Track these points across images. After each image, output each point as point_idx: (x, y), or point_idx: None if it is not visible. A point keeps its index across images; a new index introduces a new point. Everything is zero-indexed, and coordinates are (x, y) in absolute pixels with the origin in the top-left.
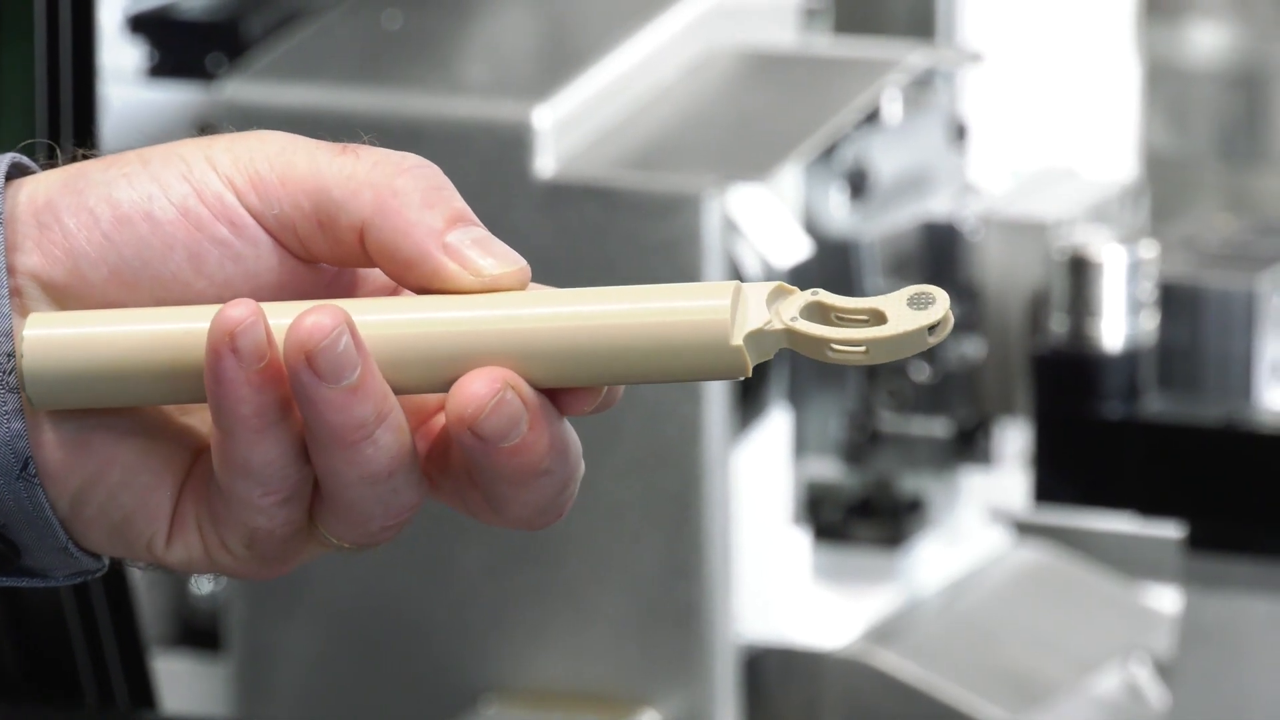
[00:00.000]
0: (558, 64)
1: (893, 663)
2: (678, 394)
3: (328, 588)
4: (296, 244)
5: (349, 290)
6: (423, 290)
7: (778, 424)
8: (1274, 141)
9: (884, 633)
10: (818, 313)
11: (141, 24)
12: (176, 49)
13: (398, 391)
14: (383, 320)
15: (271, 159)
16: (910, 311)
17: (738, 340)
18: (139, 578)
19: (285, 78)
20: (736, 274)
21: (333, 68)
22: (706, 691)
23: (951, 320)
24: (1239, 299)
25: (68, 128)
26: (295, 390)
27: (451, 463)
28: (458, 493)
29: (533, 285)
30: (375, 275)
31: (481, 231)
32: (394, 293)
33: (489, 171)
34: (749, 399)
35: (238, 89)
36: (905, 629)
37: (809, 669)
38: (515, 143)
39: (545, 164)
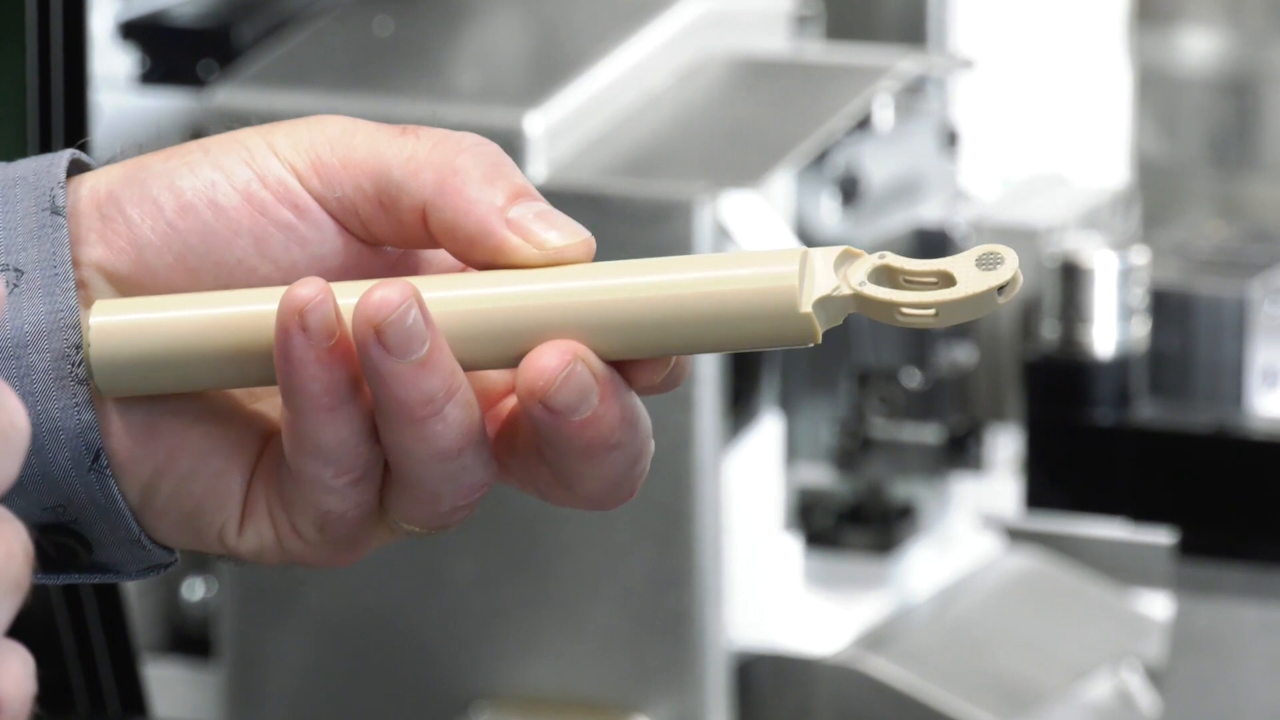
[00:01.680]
0: (549, 70)
1: (884, 669)
2: (668, 402)
3: (319, 595)
4: (360, 226)
5: (413, 272)
6: (488, 267)
7: (769, 430)
8: (1265, 148)
9: (875, 639)
10: (885, 276)
11: (133, 31)
12: (168, 56)
13: (467, 368)
14: (450, 296)
15: (333, 142)
16: (979, 272)
17: (806, 307)
18: (130, 584)
19: (277, 84)
20: None
21: (324, 74)
22: (698, 698)
23: (1020, 279)
24: (1230, 306)
25: (59, 134)
26: (364, 365)
27: (520, 444)
28: (527, 473)
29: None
30: (439, 256)
31: (544, 205)
32: (459, 272)
33: None
34: (740, 406)
35: (229, 95)
36: (897, 635)
37: (800, 676)
38: (506, 149)
39: (537, 171)
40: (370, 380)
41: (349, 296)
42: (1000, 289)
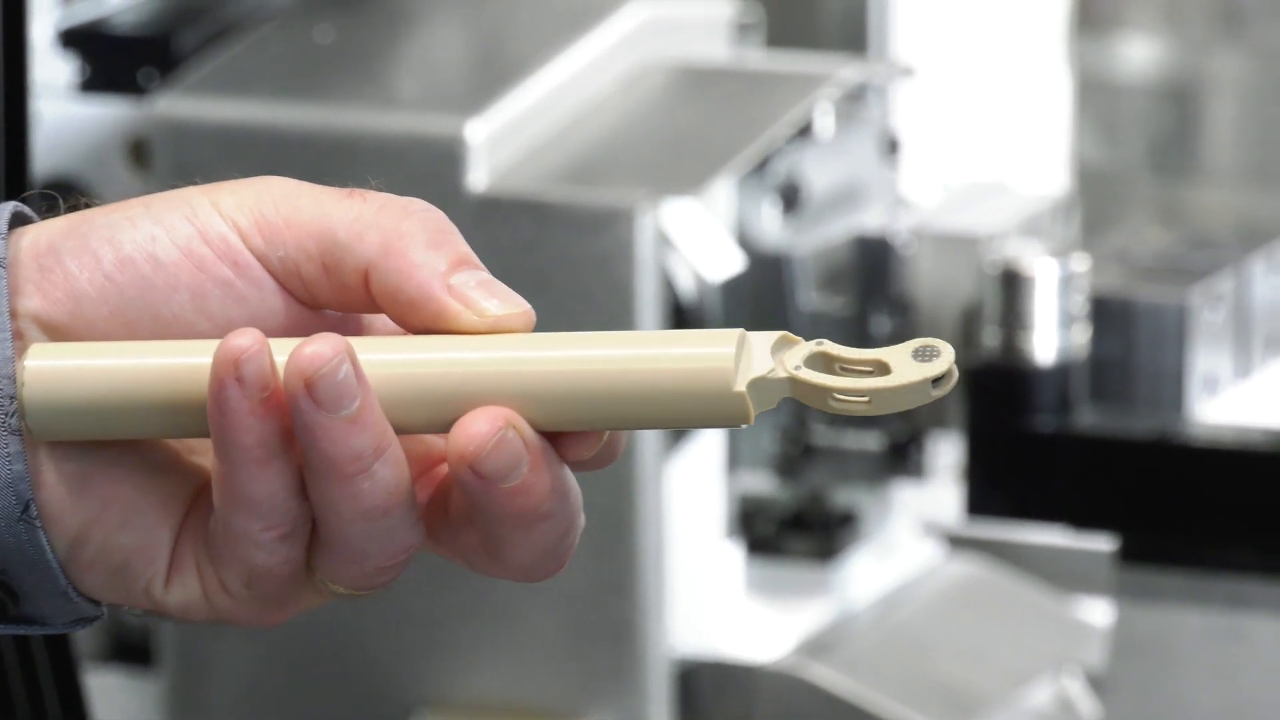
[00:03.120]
0: (490, 78)
1: (825, 676)
2: None
3: None
4: (301, 288)
5: (353, 334)
6: (427, 333)
7: (710, 438)
8: (1205, 155)
9: (817, 646)
10: (821, 362)
11: (73, 38)
12: (108, 64)
13: (399, 430)
14: (385, 359)
15: (278, 202)
16: (914, 363)
17: (741, 387)
18: None
19: (217, 92)
20: (670, 288)
21: (265, 82)
22: (640, 705)
23: (956, 374)
24: (1171, 312)
25: None
26: (294, 419)
27: (452, 510)
28: (457, 541)
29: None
30: (379, 321)
31: (485, 275)
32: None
33: (421, 186)
34: None
35: (170, 104)
36: (838, 642)
37: (742, 682)
38: (448, 157)
39: (478, 178)
40: (299, 435)
41: (285, 352)
42: (935, 381)
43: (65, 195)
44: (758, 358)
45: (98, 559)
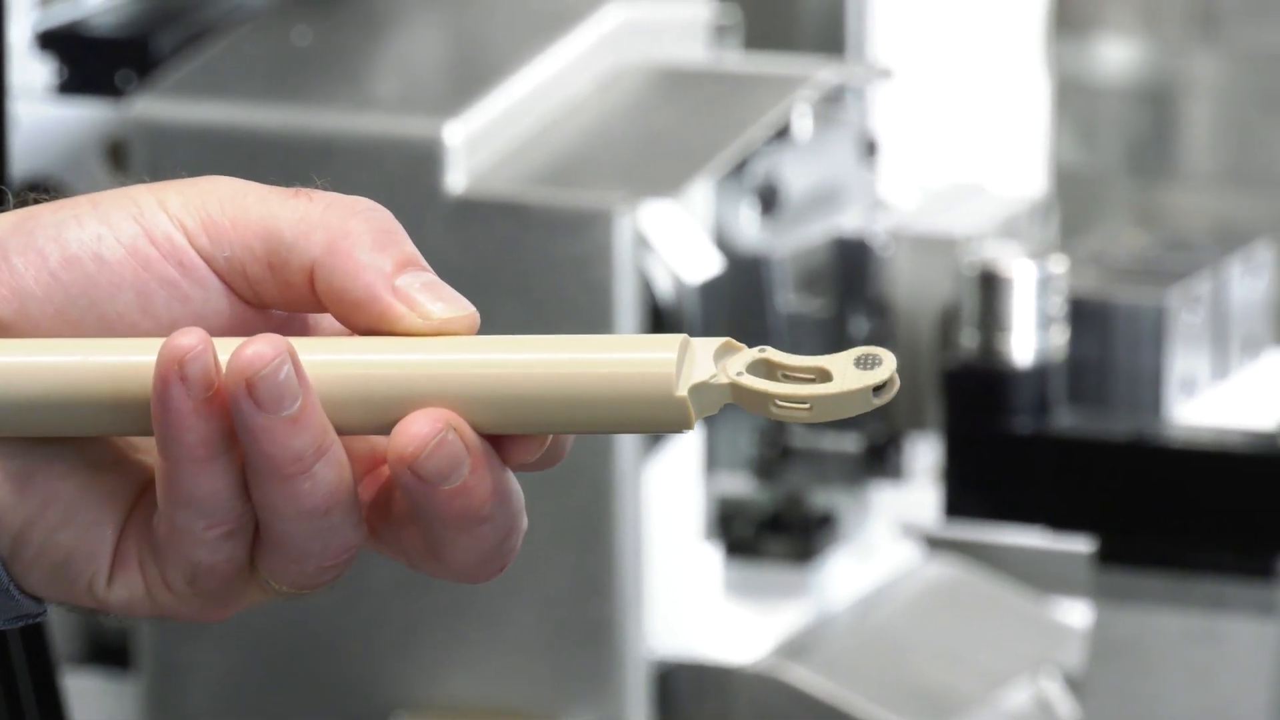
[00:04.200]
0: (468, 80)
1: (804, 678)
2: None
3: None
4: (246, 287)
5: (299, 335)
6: (371, 333)
7: (688, 439)
8: (1182, 156)
9: (795, 648)
10: (763, 369)
11: (50, 40)
12: (86, 66)
13: (340, 431)
14: (328, 359)
15: (224, 202)
16: (856, 371)
17: (682, 391)
18: None
19: (195, 94)
20: (648, 290)
21: (242, 84)
22: (618, 707)
23: (898, 383)
24: (1148, 314)
25: None
26: (235, 419)
27: (394, 511)
28: (399, 541)
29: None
30: (325, 321)
31: (431, 276)
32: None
33: (399, 188)
34: None
35: (147, 106)
36: (816, 644)
37: (720, 684)
38: (425, 159)
39: (456, 180)
40: (240, 434)
41: (227, 352)
42: (877, 390)
43: (16, 194)
44: (700, 363)
45: (39, 557)
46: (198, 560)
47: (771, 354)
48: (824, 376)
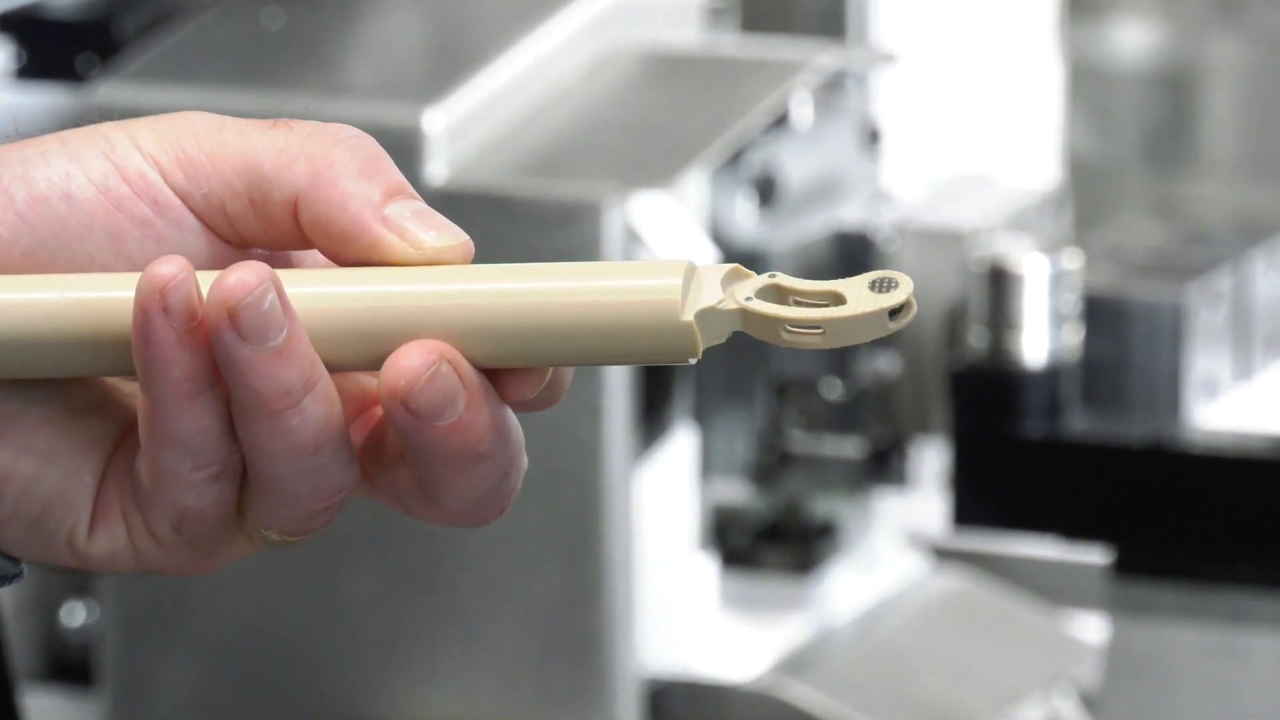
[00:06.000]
0: (449, 65)
1: (804, 696)
2: (576, 412)
3: (207, 616)
4: (226, 225)
5: None
6: (360, 265)
7: (682, 444)
8: (1202, 146)
9: (795, 664)
10: (774, 295)
11: (8, 23)
12: (45, 49)
13: (330, 367)
14: (315, 291)
15: (199, 137)
16: (871, 294)
17: (688, 317)
18: (6, 607)
19: (160, 80)
20: None
21: (210, 69)
22: None
23: (914, 306)
24: (1166, 311)
25: None
26: (217, 352)
27: (387, 452)
28: (392, 484)
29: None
30: (310, 257)
31: (421, 204)
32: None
33: None
34: (652, 418)
35: (110, 91)
36: (817, 660)
37: (716, 703)
38: (404, 148)
39: (437, 170)
40: (224, 368)
41: (208, 284)
42: (893, 313)
43: None
44: (707, 290)
45: (16, 510)
46: (185, 505)
47: (782, 279)
48: (837, 300)
